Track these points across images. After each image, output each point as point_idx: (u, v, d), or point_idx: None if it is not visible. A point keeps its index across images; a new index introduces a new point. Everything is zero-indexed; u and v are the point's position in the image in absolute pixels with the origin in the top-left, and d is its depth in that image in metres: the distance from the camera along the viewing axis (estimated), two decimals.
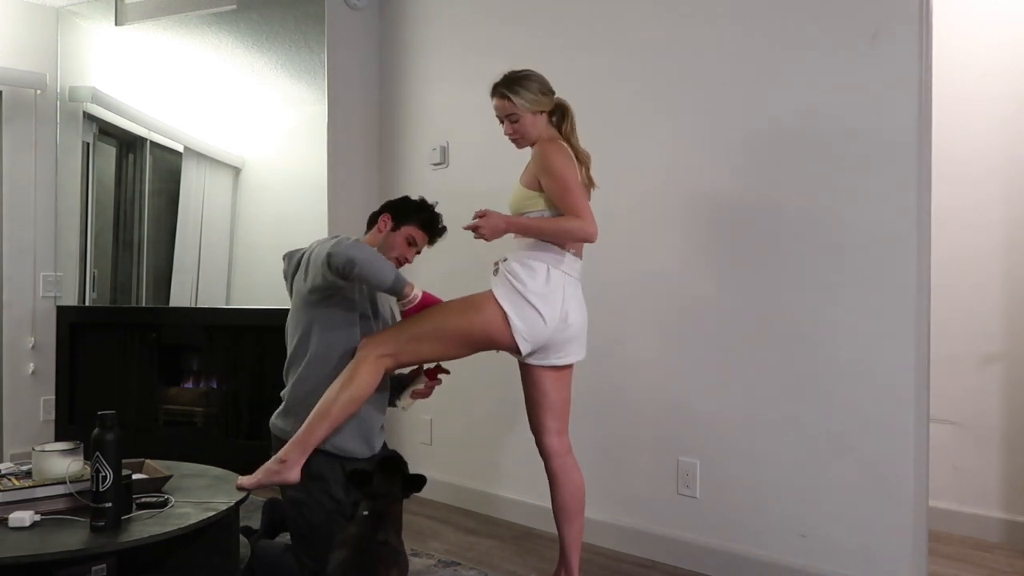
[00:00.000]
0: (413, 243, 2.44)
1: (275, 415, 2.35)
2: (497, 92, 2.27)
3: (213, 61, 4.17)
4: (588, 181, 2.30)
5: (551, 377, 2.28)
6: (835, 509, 2.35)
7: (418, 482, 2.02)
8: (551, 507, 2.33)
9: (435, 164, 3.61)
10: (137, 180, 4.46)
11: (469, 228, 2.20)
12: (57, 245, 4.28)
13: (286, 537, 2.47)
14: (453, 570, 2.66)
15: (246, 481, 2.18)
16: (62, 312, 4.26)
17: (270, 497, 2.62)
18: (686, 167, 2.70)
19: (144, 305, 4.43)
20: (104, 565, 1.90)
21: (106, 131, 4.42)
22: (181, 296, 4.34)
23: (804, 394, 2.42)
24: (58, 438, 4.08)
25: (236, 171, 4.35)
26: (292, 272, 2.38)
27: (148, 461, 2.37)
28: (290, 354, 2.35)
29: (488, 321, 2.17)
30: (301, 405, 2.22)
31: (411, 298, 2.18)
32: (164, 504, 2.07)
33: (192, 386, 4.11)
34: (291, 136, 4.19)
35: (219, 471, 2.46)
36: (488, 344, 2.22)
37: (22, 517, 1.89)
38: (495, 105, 2.29)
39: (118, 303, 4.47)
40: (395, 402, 2.47)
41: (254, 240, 4.23)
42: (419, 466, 3.64)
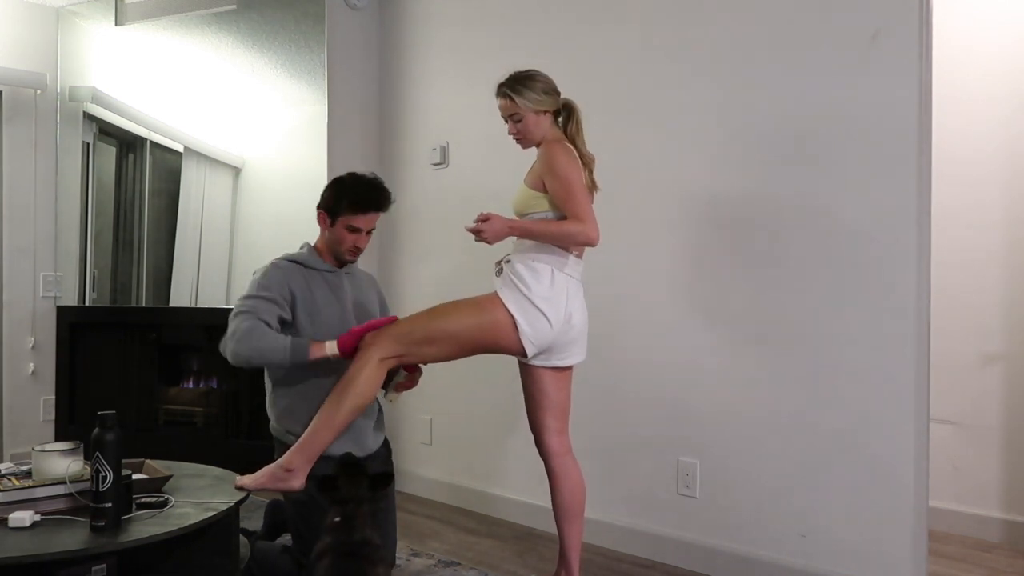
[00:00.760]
0: (355, 229, 2.32)
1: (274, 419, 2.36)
2: (501, 92, 2.26)
3: (213, 61, 4.17)
4: (591, 184, 2.29)
5: (552, 377, 2.28)
6: (835, 509, 2.35)
7: (384, 478, 1.94)
8: (551, 507, 2.33)
9: (435, 164, 3.61)
10: (137, 180, 4.46)
11: (471, 231, 2.19)
12: (57, 245, 4.28)
13: (286, 538, 2.47)
14: (453, 570, 2.66)
15: (247, 481, 2.17)
16: (62, 312, 4.26)
17: (273, 499, 2.62)
18: (686, 167, 2.70)
19: (144, 305, 4.43)
20: (104, 565, 1.90)
21: (106, 131, 4.42)
22: (181, 296, 4.34)
23: (804, 394, 2.42)
24: (58, 438, 4.08)
25: (236, 171, 4.35)
26: None
27: (148, 461, 2.37)
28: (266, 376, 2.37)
29: (495, 325, 2.16)
30: (285, 422, 2.26)
31: (329, 356, 2.16)
32: (164, 504, 2.06)
33: (192, 386, 4.11)
34: (291, 136, 4.19)
35: (219, 471, 2.46)
36: (494, 347, 2.21)
37: (22, 517, 1.89)
38: (499, 105, 2.28)
39: (118, 303, 4.47)
40: (379, 397, 2.43)
41: (254, 240, 4.23)
42: (419, 466, 3.64)
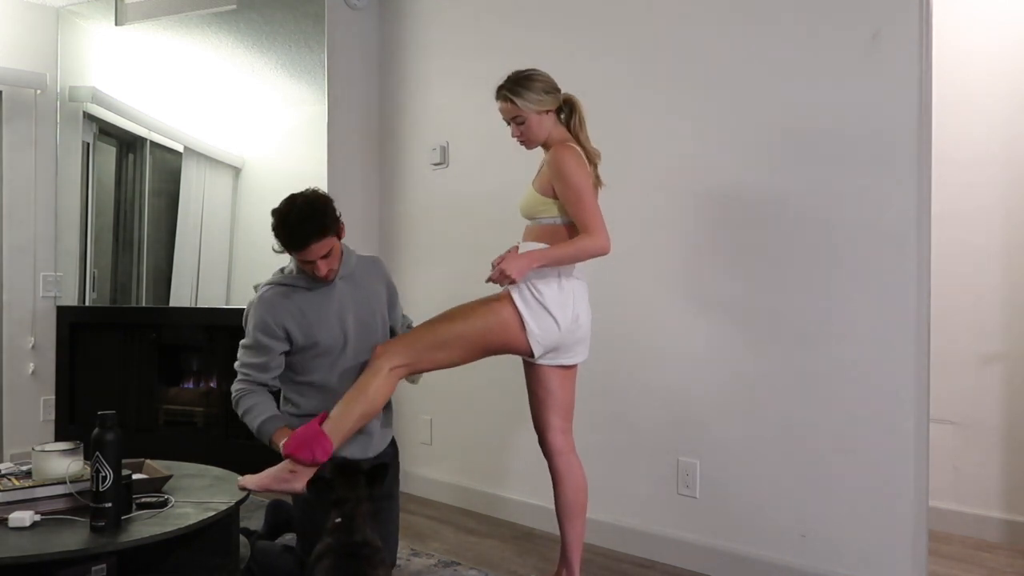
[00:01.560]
0: (308, 261, 2.18)
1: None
2: (501, 95, 2.23)
3: (213, 61, 4.17)
4: (596, 180, 2.28)
5: (558, 376, 2.28)
6: (835, 509, 2.35)
7: (380, 471, 1.92)
8: (553, 506, 2.33)
9: (435, 164, 3.61)
10: (137, 180, 4.46)
11: (494, 280, 2.10)
12: (57, 245, 4.28)
13: (286, 538, 2.47)
14: (453, 570, 2.66)
15: (250, 482, 2.16)
16: (62, 312, 4.26)
17: (275, 499, 2.62)
18: (685, 168, 2.70)
19: (144, 305, 4.43)
20: (104, 565, 1.90)
21: (106, 131, 4.42)
22: (181, 296, 4.34)
23: (804, 394, 2.42)
24: (58, 438, 4.08)
25: (236, 171, 4.35)
26: None
27: (148, 461, 2.37)
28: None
29: (503, 325, 2.16)
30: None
31: (275, 446, 2.18)
32: (164, 504, 2.07)
33: (192, 386, 4.11)
34: (291, 136, 4.18)
35: (219, 471, 2.46)
36: (503, 348, 2.21)
37: (22, 517, 1.89)
38: (500, 108, 2.25)
39: (118, 303, 4.47)
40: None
41: (254, 240, 4.23)
42: (419, 466, 3.64)
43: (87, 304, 4.33)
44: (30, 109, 4.16)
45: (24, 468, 2.18)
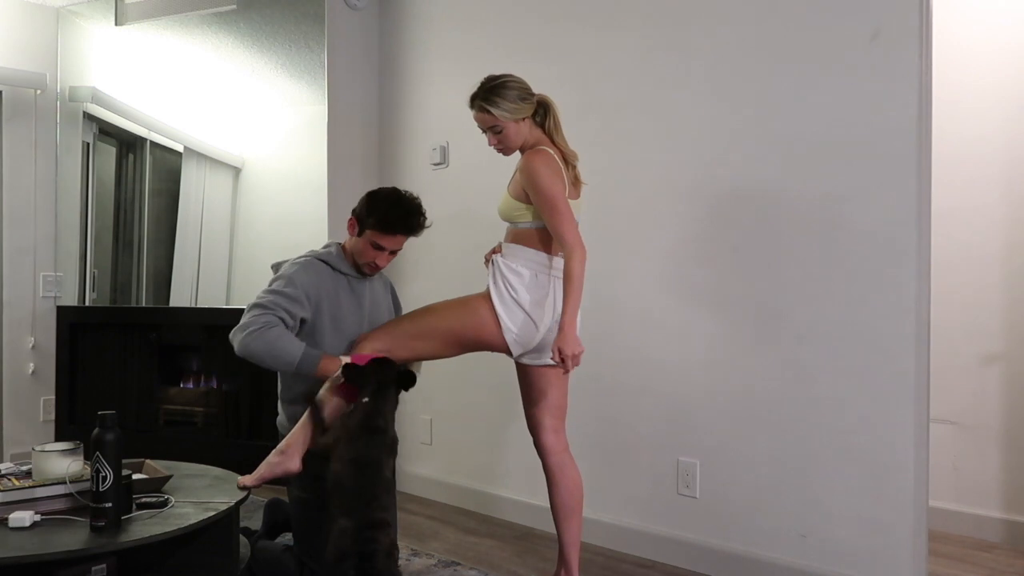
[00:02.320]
0: (379, 247, 2.24)
1: (282, 417, 2.36)
2: (476, 104, 2.20)
3: (213, 61, 4.17)
4: (574, 180, 2.27)
5: (548, 376, 2.28)
6: (835, 509, 2.35)
7: (409, 378, 2.06)
8: (549, 506, 2.33)
9: (435, 164, 3.61)
10: (137, 180, 4.46)
11: (572, 368, 2.09)
12: (57, 245, 4.28)
13: (286, 538, 2.47)
14: (453, 570, 2.66)
15: (248, 480, 2.18)
16: (62, 312, 4.26)
17: (272, 498, 2.62)
18: (685, 167, 2.70)
19: (144, 305, 4.43)
20: (104, 565, 1.90)
21: (106, 131, 4.42)
22: (181, 296, 4.34)
23: (804, 394, 2.42)
24: (58, 438, 4.08)
25: (236, 171, 4.35)
26: None
27: (148, 461, 2.37)
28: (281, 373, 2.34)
29: (480, 323, 2.18)
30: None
31: (322, 372, 2.12)
32: (164, 504, 2.07)
33: (192, 386, 4.11)
34: (291, 136, 4.19)
35: (219, 471, 2.46)
36: (480, 345, 2.22)
37: (22, 517, 1.89)
38: (475, 117, 2.22)
39: (118, 303, 4.47)
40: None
41: (254, 240, 4.23)
42: (419, 466, 3.64)
43: (87, 304, 4.33)
44: (30, 109, 4.16)
45: (24, 468, 2.18)
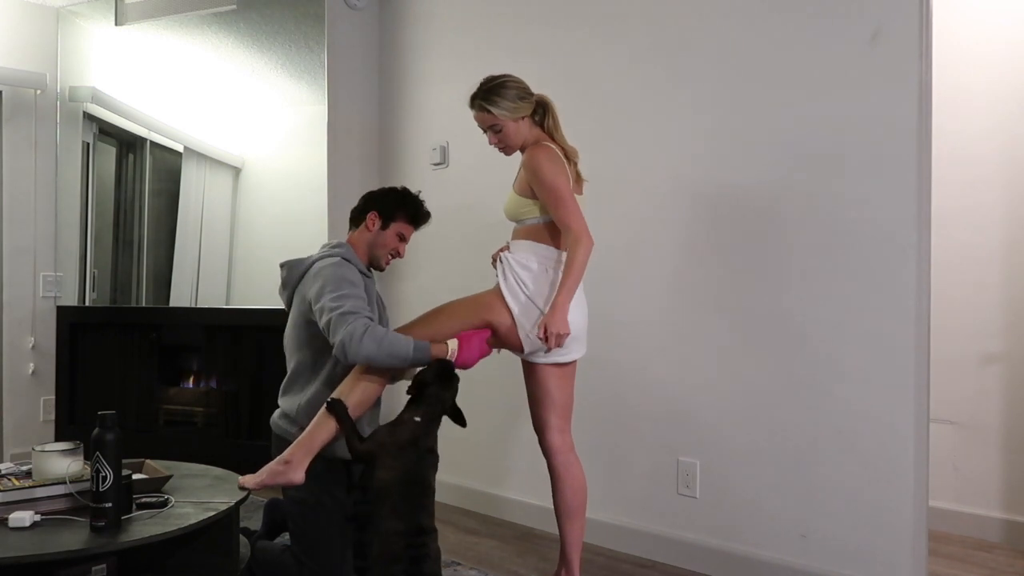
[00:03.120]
0: (403, 238, 2.46)
1: (278, 415, 2.34)
2: (475, 104, 2.25)
3: (213, 61, 4.17)
4: (576, 176, 2.29)
5: (555, 374, 2.28)
6: (835, 509, 2.35)
7: (460, 416, 2.13)
8: (552, 506, 2.33)
9: (435, 164, 3.61)
10: (137, 180, 4.47)
11: (556, 347, 2.14)
12: (57, 245, 4.28)
13: (285, 538, 2.47)
14: (453, 570, 2.66)
15: (248, 481, 2.17)
16: (62, 312, 4.26)
17: (271, 498, 2.62)
18: (685, 168, 2.70)
19: (144, 305, 4.43)
20: (104, 565, 1.90)
21: (106, 131, 4.42)
22: (181, 296, 4.34)
23: (804, 394, 2.42)
24: (58, 438, 4.08)
25: (236, 171, 4.35)
26: (295, 283, 2.34)
27: (148, 461, 2.37)
28: (292, 373, 2.33)
29: (495, 320, 2.19)
30: (306, 417, 2.22)
31: (449, 355, 2.13)
32: (164, 504, 2.06)
33: (192, 386, 4.11)
34: (291, 136, 4.19)
35: (219, 471, 2.46)
36: (496, 343, 2.24)
37: (22, 517, 1.89)
38: (475, 117, 2.27)
39: (118, 303, 4.47)
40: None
41: (254, 240, 4.24)
42: None
43: (87, 304, 4.33)
44: (30, 109, 4.16)
45: (24, 468, 2.18)
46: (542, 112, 2.29)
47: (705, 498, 2.64)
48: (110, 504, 1.86)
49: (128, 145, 4.49)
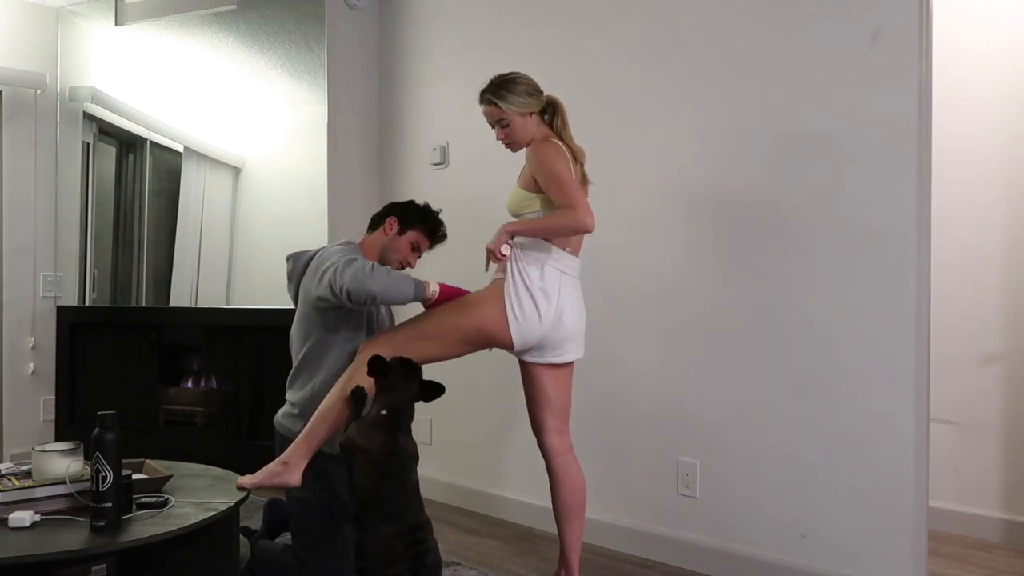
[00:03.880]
0: (417, 248, 2.51)
1: (281, 414, 2.34)
2: (484, 98, 2.27)
3: (213, 61, 4.17)
4: (582, 178, 2.29)
5: (551, 376, 2.28)
6: (835, 509, 2.35)
7: (435, 389, 2.07)
8: (552, 506, 2.33)
9: (435, 164, 3.61)
10: (137, 180, 4.46)
11: (490, 260, 2.21)
12: (57, 245, 4.28)
13: (286, 537, 2.47)
14: (453, 570, 2.66)
15: (247, 481, 2.18)
16: (62, 312, 4.26)
17: (271, 497, 2.62)
18: (685, 168, 2.70)
19: (144, 305, 4.43)
20: (104, 565, 1.90)
21: (106, 131, 4.42)
22: (181, 296, 4.34)
23: (804, 394, 2.42)
24: (58, 438, 4.08)
25: (236, 171, 4.35)
26: (299, 274, 2.36)
27: (148, 461, 2.37)
28: (299, 362, 2.33)
29: (485, 315, 2.17)
30: (312, 405, 2.22)
31: (430, 295, 2.21)
32: (164, 504, 2.07)
33: (192, 386, 4.11)
34: (291, 136, 4.19)
35: (219, 471, 2.46)
36: (484, 339, 2.20)
37: (22, 517, 1.89)
38: (484, 111, 2.29)
39: (118, 303, 4.47)
40: None
41: (254, 240, 4.23)
42: (419, 466, 3.63)
43: (87, 304, 4.33)
44: (30, 109, 4.16)
45: (24, 468, 2.18)
46: (551, 112, 2.31)
47: (705, 498, 2.64)
48: (110, 504, 1.87)
49: (128, 145, 4.48)
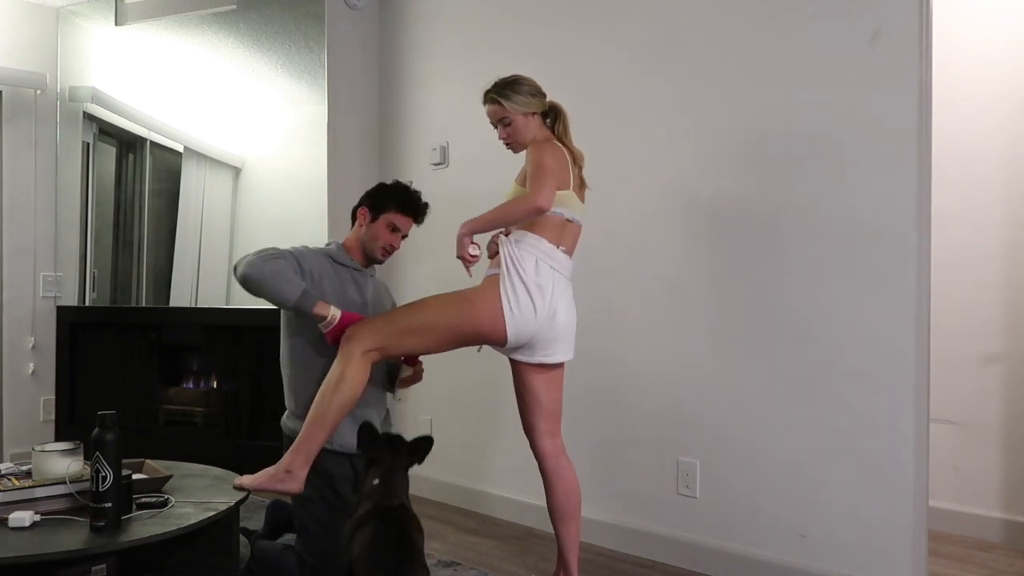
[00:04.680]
0: (395, 229, 2.43)
1: (286, 416, 2.36)
2: (488, 98, 2.30)
3: (213, 61, 4.17)
4: (581, 183, 2.30)
5: (541, 378, 2.28)
6: (835, 509, 2.35)
7: (423, 445, 2.04)
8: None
9: (435, 164, 3.61)
10: (137, 180, 4.46)
11: (470, 263, 2.21)
12: (57, 245, 4.28)
13: (286, 538, 2.47)
14: (453, 570, 2.66)
15: (246, 481, 2.17)
16: (62, 312, 4.26)
17: (274, 499, 2.62)
18: (685, 168, 2.70)
19: (144, 305, 4.43)
20: (104, 565, 1.90)
21: (106, 131, 4.42)
22: (181, 296, 4.34)
23: (804, 394, 2.42)
24: (58, 438, 4.08)
25: (236, 171, 4.35)
26: None
27: (148, 461, 2.37)
28: (288, 368, 2.36)
29: (479, 311, 2.14)
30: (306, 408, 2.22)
31: (329, 319, 2.16)
32: (164, 504, 2.07)
33: (192, 386, 4.11)
34: (291, 136, 4.19)
35: (219, 471, 2.46)
36: (476, 335, 2.18)
37: (22, 517, 1.89)
38: (487, 111, 2.31)
39: (118, 303, 4.47)
40: (389, 397, 2.47)
41: (254, 240, 4.22)
42: (419, 466, 3.64)
43: (87, 304, 4.33)
44: (30, 109, 4.16)
45: (24, 468, 2.18)
46: (554, 116, 2.33)
47: (705, 498, 2.64)
48: (110, 504, 1.87)
49: (128, 145, 4.48)
